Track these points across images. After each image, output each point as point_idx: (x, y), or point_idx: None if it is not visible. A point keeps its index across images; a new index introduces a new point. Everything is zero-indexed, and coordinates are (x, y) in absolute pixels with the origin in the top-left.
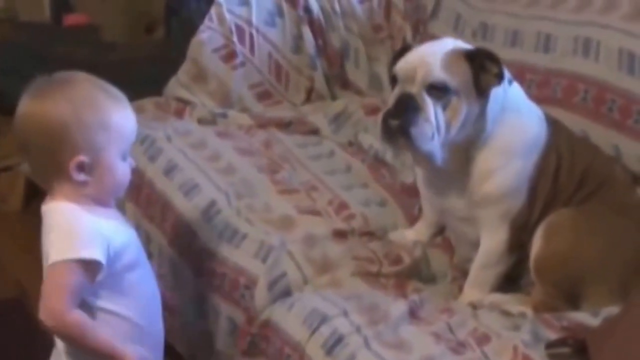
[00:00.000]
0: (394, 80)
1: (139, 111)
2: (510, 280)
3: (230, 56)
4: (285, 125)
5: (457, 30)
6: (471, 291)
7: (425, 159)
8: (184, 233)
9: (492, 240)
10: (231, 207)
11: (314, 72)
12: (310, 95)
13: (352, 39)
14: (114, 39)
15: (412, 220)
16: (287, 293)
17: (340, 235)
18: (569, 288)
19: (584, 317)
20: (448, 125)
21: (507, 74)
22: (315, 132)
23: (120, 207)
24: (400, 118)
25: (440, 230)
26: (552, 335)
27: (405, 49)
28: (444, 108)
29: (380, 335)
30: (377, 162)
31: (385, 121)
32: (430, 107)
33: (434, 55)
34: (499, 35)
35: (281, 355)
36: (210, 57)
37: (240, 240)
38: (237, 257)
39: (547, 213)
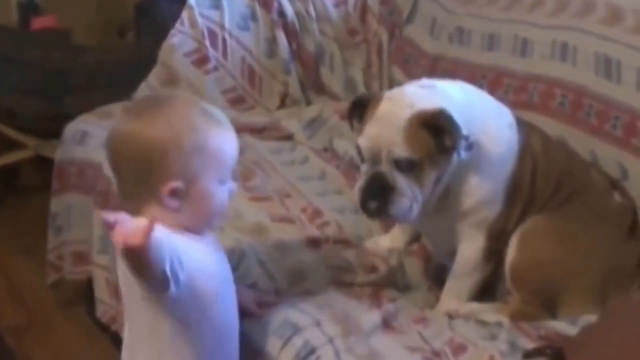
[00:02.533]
0: (359, 153)
1: (107, 116)
2: (488, 289)
3: (202, 61)
4: (258, 131)
5: (433, 34)
6: (448, 300)
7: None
8: None
9: (469, 248)
10: None
11: (288, 76)
12: (284, 100)
13: (327, 43)
14: (85, 43)
15: (388, 227)
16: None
17: (313, 243)
18: (546, 296)
19: (562, 326)
20: (422, 191)
21: (464, 143)
22: (289, 137)
23: (88, 216)
24: (377, 199)
25: (416, 237)
26: (529, 345)
27: (362, 101)
28: (415, 179)
29: (352, 346)
30: (352, 168)
31: (363, 203)
32: (403, 184)
33: (394, 130)
34: (476, 39)
35: None
36: (182, 62)
37: None
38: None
39: (524, 219)
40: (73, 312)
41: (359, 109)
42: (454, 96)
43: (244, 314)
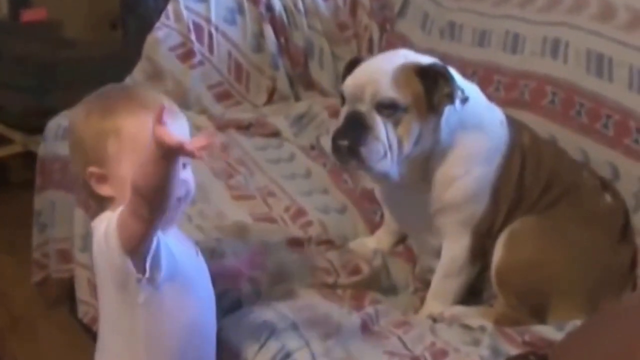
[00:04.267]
0: (342, 96)
1: None
2: (474, 292)
3: (187, 55)
4: (244, 128)
5: (424, 29)
6: (433, 303)
7: (380, 177)
8: None
9: (454, 248)
10: (182, 213)
11: (276, 71)
12: (272, 96)
13: (316, 37)
14: (75, 36)
15: (373, 227)
16: (237, 305)
17: (296, 243)
18: (533, 300)
19: (548, 331)
20: (400, 143)
21: (460, 94)
22: (276, 134)
23: (71, 214)
24: (350, 138)
25: (402, 238)
26: (513, 351)
27: (354, 63)
28: (395, 125)
29: (330, 351)
30: (338, 167)
31: (334, 141)
32: (380, 126)
33: (383, 72)
34: (467, 34)
35: None
36: (167, 56)
37: None
38: None
39: (512, 219)
40: (58, 312)
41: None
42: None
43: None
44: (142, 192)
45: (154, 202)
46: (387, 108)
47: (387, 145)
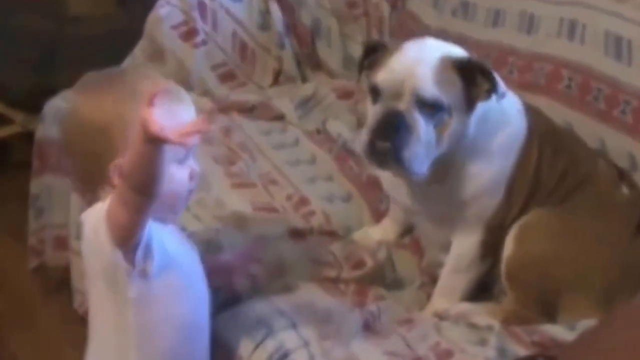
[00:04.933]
0: (374, 91)
1: None
2: (484, 288)
3: (190, 34)
4: (248, 110)
5: (436, 7)
6: (440, 299)
7: (410, 176)
8: None
9: (464, 242)
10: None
11: (282, 51)
12: (278, 76)
13: (325, 15)
14: (81, 11)
15: (379, 217)
16: (233, 301)
17: (297, 234)
18: (544, 297)
19: (558, 331)
20: (438, 142)
21: (500, 89)
22: (280, 117)
23: (67, 200)
24: (390, 140)
25: (408, 228)
26: (521, 351)
27: (374, 48)
28: (436, 125)
29: (329, 351)
30: (345, 153)
31: (372, 143)
32: (422, 126)
33: (424, 66)
34: (481, 14)
35: None
36: (169, 35)
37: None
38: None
39: (526, 212)
40: (55, 299)
41: (372, 57)
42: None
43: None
44: (129, 178)
45: (142, 189)
46: (429, 107)
47: (427, 146)
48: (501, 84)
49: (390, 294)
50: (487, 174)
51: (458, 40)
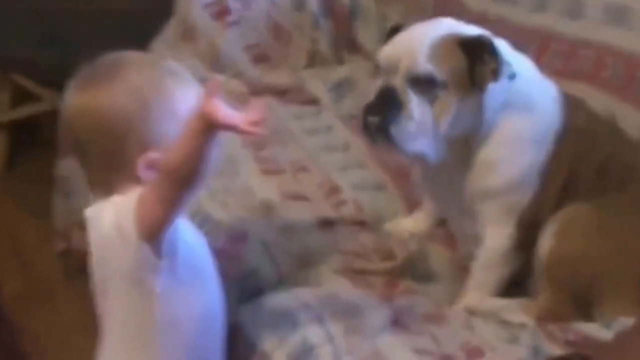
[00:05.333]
0: (376, 67)
1: None
2: (518, 283)
3: (222, 13)
4: (281, 93)
5: None
6: (472, 294)
7: (414, 157)
8: None
9: (496, 236)
10: (207, 188)
11: (318, 32)
12: (313, 58)
13: None
14: None
15: (413, 207)
16: (258, 292)
17: (326, 224)
18: (581, 294)
19: (595, 330)
20: (437, 122)
21: (507, 69)
22: (313, 101)
23: None
24: (380, 115)
25: (442, 220)
26: (555, 350)
27: (395, 30)
28: (431, 103)
29: (355, 347)
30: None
31: (364, 117)
32: (414, 103)
33: (421, 43)
34: None
35: None
36: (200, 14)
37: (211, 228)
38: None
39: (561, 206)
40: (79, 284)
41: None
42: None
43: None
44: (175, 173)
45: (186, 183)
46: (423, 83)
47: (420, 125)
48: (522, 64)
49: (421, 287)
50: (515, 164)
51: (499, 24)
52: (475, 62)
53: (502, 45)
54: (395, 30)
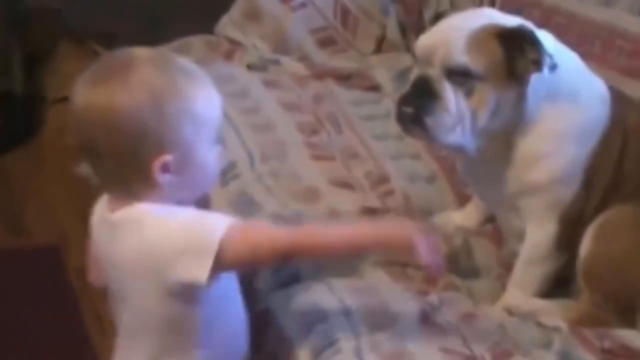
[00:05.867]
0: (413, 56)
1: (186, 49)
2: (565, 283)
3: None
4: (344, 78)
5: None
6: (514, 292)
7: (452, 149)
8: None
9: (538, 233)
10: (253, 171)
11: (387, 18)
12: (381, 44)
13: None
14: None
15: (463, 201)
16: (294, 279)
17: (370, 213)
18: (622, 299)
19: (633, 337)
20: (475, 114)
21: (549, 60)
22: (376, 88)
23: None
24: (415, 105)
25: (491, 216)
26: (587, 357)
27: (438, 17)
28: (467, 95)
29: (379, 344)
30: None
31: (399, 107)
32: (450, 95)
33: (459, 33)
34: None
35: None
36: None
37: (253, 212)
38: None
39: (606, 207)
40: None
41: None
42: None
43: None
44: (307, 256)
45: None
46: (458, 75)
47: (456, 117)
48: (567, 57)
49: (465, 283)
50: (559, 159)
51: (570, 18)
52: (514, 53)
53: (545, 37)
54: (438, 17)
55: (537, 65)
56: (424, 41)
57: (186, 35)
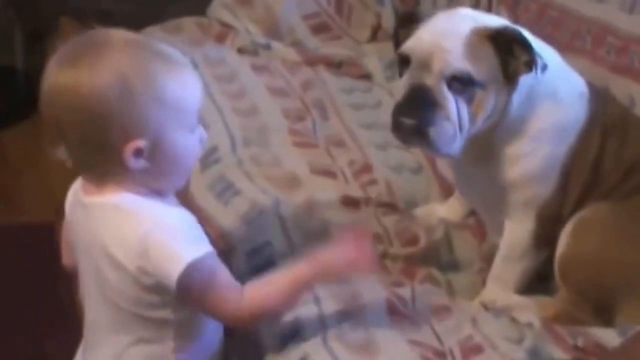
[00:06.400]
0: (403, 61)
1: (177, 30)
2: (545, 279)
3: None
4: (335, 66)
5: None
6: (492, 287)
7: (442, 155)
8: None
9: (516, 230)
10: (234, 156)
11: (382, 7)
12: (376, 33)
13: None
14: None
15: (449, 193)
16: (270, 264)
17: (350, 203)
18: (599, 298)
19: (607, 336)
20: (472, 121)
21: (540, 61)
22: (367, 76)
23: None
24: (416, 116)
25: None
26: (557, 354)
27: (409, 17)
28: (468, 102)
29: (345, 333)
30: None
31: (396, 117)
32: (452, 103)
33: (455, 38)
34: None
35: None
36: None
37: (231, 197)
38: (222, 217)
39: (585, 204)
40: None
41: (409, 28)
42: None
43: None
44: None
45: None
46: (460, 83)
47: (456, 125)
48: (548, 55)
49: (445, 276)
50: (536, 157)
51: (562, 13)
52: (506, 55)
53: (528, 36)
54: (409, 16)
55: (529, 66)
56: (418, 47)
57: (183, 15)
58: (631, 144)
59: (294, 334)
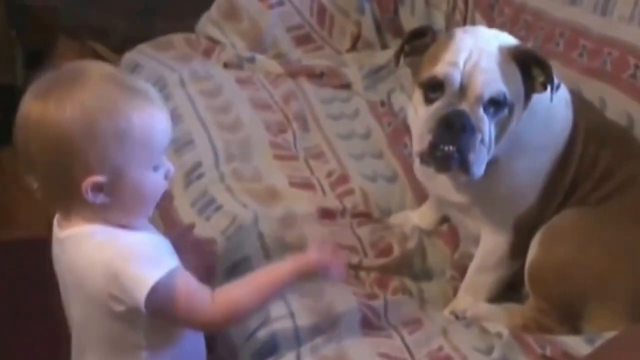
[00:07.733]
0: (431, 86)
1: (167, 47)
2: (516, 287)
3: None
4: (317, 76)
5: None
6: (465, 296)
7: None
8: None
9: (492, 241)
10: (217, 171)
11: (362, 16)
12: (356, 42)
13: None
14: None
15: (423, 200)
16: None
17: (326, 215)
18: (567, 304)
19: (575, 344)
20: (497, 141)
21: (556, 81)
22: (347, 86)
23: None
24: (456, 143)
25: (447, 216)
26: None
27: (421, 33)
28: (497, 124)
29: (319, 347)
30: (403, 128)
31: (434, 146)
32: (487, 127)
33: (490, 59)
34: None
35: None
36: None
37: (213, 212)
38: (204, 233)
39: (560, 211)
40: None
41: (415, 43)
42: None
43: None
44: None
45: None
46: (496, 105)
47: (489, 147)
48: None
49: (417, 285)
50: (521, 168)
51: (536, 16)
52: (527, 75)
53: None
54: (417, 34)
55: (544, 86)
56: (452, 73)
57: (174, 31)
58: (608, 148)
59: (271, 351)
